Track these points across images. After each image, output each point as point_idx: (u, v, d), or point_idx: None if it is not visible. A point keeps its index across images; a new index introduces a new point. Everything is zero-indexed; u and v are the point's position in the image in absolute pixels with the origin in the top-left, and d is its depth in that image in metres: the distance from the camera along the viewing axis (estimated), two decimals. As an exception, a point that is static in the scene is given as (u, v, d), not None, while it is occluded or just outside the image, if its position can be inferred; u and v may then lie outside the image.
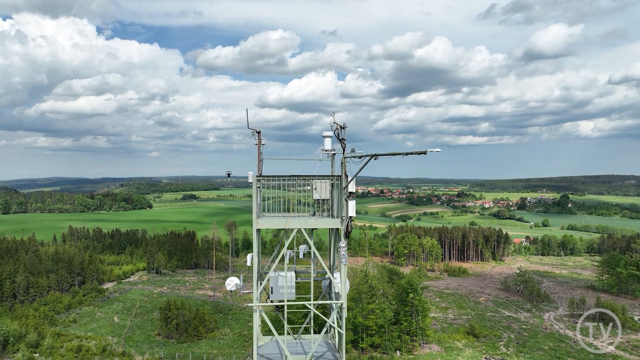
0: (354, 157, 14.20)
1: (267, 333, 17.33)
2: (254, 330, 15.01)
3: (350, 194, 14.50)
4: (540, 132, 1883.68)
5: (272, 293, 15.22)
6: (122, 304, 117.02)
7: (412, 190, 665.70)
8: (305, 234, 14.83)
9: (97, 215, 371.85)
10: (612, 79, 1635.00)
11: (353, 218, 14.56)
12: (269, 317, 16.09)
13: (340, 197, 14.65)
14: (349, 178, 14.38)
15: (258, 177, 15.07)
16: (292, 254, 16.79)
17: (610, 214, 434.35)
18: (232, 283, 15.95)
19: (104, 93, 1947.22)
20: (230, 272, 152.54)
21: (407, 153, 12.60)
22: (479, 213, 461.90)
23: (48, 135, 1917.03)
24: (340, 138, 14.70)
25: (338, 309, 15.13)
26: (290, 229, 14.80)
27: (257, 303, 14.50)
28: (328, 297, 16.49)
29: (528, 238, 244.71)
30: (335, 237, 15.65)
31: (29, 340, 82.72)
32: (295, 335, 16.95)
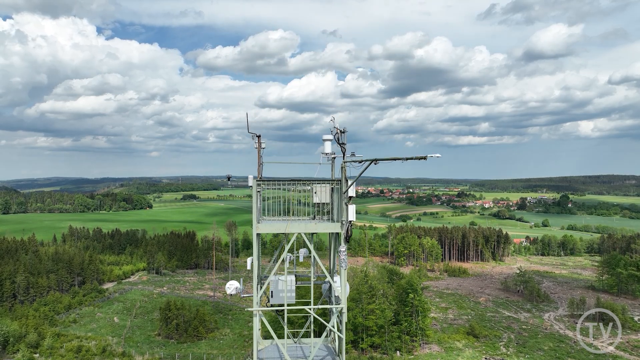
0: (354, 161, 14.21)
1: (267, 336, 17.32)
2: (254, 334, 15.01)
3: (351, 198, 14.51)
4: (540, 132, 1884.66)
5: (272, 297, 15.24)
6: (122, 304, 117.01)
7: (412, 190, 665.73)
8: (305, 238, 14.82)
9: (97, 215, 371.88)
10: (612, 79, 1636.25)
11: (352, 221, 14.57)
12: (270, 318, 16.09)
13: (341, 201, 14.65)
14: (349, 182, 14.38)
15: (258, 181, 15.08)
16: (292, 258, 16.78)
17: (610, 214, 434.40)
18: (232, 287, 15.95)
19: (104, 93, 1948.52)
20: (230, 272, 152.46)
21: (407, 158, 12.61)
22: (479, 213, 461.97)
23: (48, 135, 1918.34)
24: (340, 142, 14.68)
25: (338, 313, 15.13)
26: (291, 233, 14.79)
27: (257, 307, 14.50)
28: (328, 300, 16.49)
29: (528, 238, 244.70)
30: (336, 241, 15.64)
31: (29, 341, 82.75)
32: (296, 339, 16.94)
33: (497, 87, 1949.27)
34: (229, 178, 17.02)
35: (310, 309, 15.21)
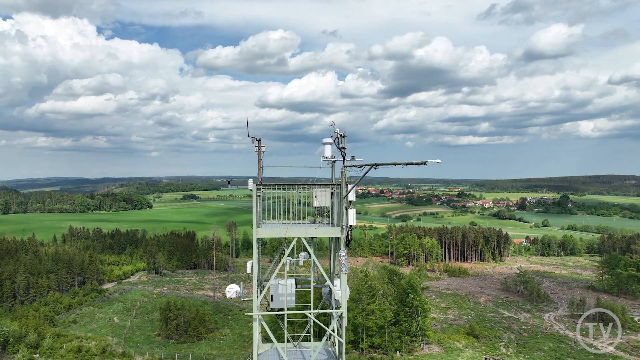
0: (354, 165, 14.20)
1: (267, 340, 17.33)
2: (254, 339, 15.01)
3: (351, 203, 14.50)
4: (540, 132, 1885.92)
5: (272, 300, 15.25)
6: (122, 305, 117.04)
7: (412, 190, 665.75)
8: (305, 242, 14.81)
9: (97, 215, 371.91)
10: (612, 79, 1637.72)
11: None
12: (270, 320, 16.11)
13: (340, 205, 14.64)
14: (349, 187, 14.37)
15: (258, 185, 15.07)
16: (292, 262, 16.78)
17: (610, 214, 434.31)
18: (232, 290, 15.95)
19: (104, 93, 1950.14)
20: (230, 272, 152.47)
21: (407, 163, 12.63)
22: (479, 213, 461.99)
23: (48, 135, 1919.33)
24: (341, 146, 14.68)
25: (338, 318, 15.13)
26: (291, 237, 14.79)
27: (257, 312, 14.50)
28: (328, 304, 16.49)
29: (528, 238, 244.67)
30: (336, 245, 15.64)
31: (29, 341, 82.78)
32: (296, 343, 16.94)
33: (497, 87, 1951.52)
34: (229, 182, 17.04)
35: (310, 314, 15.21)
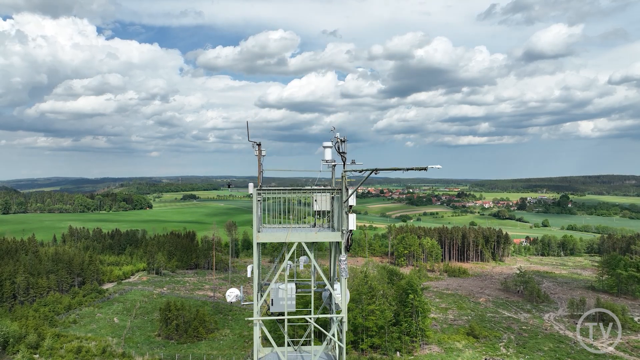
0: (354, 170, 14.19)
1: (267, 344, 17.33)
2: (254, 343, 14.99)
3: (351, 207, 14.48)
4: (540, 132, 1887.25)
5: (272, 305, 15.23)
6: (122, 305, 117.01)
7: (412, 191, 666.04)
8: (305, 247, 14.80)
9: (97, 216, 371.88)
10: (612, 79, 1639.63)
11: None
12: (269, 324, 16.08)
13: (341, 210, 14.62)
14: (349, 191, 14.35)
15: (258, 190, 15.04)
16: (292, 266, 16.76)
17: (610, 214, 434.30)
18: (232, 294, 15.94)
19: (104, 93, 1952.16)
20: (230, 272, 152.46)
21: (407, 169, 12.64)
22: (479, 213, 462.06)
23: (48, 135, 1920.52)
24: (341, 151, 14.66)
25: (338, 323, 15.12)
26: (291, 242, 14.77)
27: (257, 317, 14.48)
28: (328, 307, 16.48)
29: (528, 238, 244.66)
30: (336, 249, 15.63)
31: (29, 341, 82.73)
32: (296, 347, 16.92)
33: (497, 87, 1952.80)
34: (229, 185, 17.04)
35: (311, 318, 15.20)
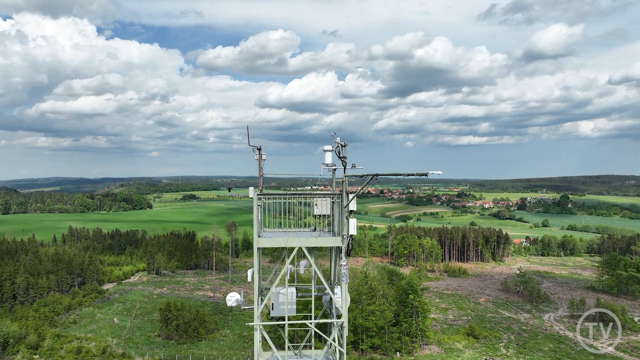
0: (355, 175, 14.19)
1: (267, 348, 17.34)
2: (255, 347, 15.01)
3: (352, 212, 14.48)
4: (540, 132, 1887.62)
5: (272, 309, 15.25)
6: (122, 305, 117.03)
7: (412, 191, 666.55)
8: (306, 251, 14.81)
9: (97, 216, 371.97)
10: (612, 79, 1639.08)
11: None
12: (269, 327, 16.10)
13: (341, 215, 14.64)
14: (350, 196, 14.36)
15: (259, 194, 15.05)
16: (292, 270, 16.79)
17: (610, 214, 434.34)
18: (232, 299, 15.94)
19: (104, 93, 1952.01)
20: (230, 272, 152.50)
21: (408, 174, 12.63)
22: (479, 213, 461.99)
23: (48, 135, 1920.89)
24: (341, 156, 14.67)
25: (339, 327, 15.13)
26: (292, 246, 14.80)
27: (257, 322, 14.49)
28: (329, 311, 16.49)
29: (528, 238, 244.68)
30: (337, 253, 15.64)
31: (29, 342, 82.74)
32: (296, 351, 16.94)
33: (497, 87, 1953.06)
34: (230, 189, 17.04)
35: (311, 323, 15.20)
